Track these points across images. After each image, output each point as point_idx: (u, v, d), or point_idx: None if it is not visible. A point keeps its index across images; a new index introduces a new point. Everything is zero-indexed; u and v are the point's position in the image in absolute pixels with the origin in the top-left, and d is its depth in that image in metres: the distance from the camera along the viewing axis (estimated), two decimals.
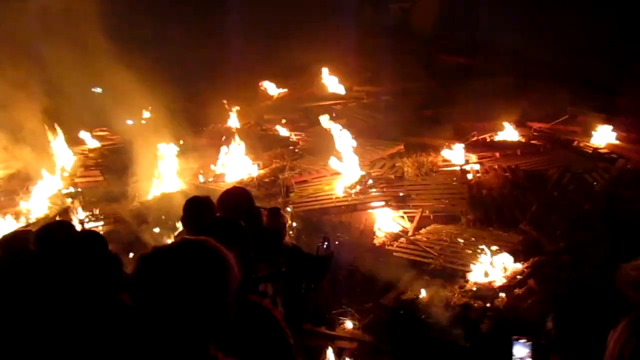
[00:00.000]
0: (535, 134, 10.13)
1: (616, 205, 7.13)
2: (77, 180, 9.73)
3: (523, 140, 9.95)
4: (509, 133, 10.09)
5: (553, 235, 6.72)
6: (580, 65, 11.99)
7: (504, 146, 9.49)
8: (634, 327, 1.68)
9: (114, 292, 2.52)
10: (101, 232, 8.02)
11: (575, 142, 9.55)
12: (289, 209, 7.35)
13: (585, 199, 7.27)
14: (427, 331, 5.31)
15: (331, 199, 7.71)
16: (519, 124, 10.36)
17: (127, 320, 2.06)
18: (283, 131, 11.40)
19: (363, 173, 8.05)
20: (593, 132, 9.59)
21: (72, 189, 9.38)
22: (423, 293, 5.87)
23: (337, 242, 6.86)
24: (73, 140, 10.84)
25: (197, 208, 3.69)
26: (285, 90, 13.36)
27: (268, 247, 3.53)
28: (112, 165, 10.39)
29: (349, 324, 5.70)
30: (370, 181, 7.91)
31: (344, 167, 8.28)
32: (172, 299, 1.77)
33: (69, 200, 8.79)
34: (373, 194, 7.74)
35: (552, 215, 7.02)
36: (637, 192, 7.48)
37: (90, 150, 11.24)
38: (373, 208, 7.48)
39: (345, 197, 7.69)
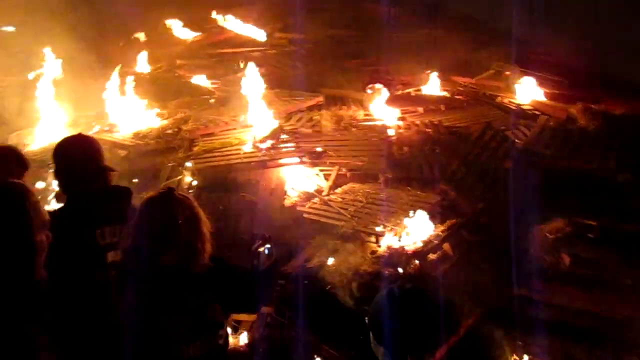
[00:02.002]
0: (459, 88, 9.74)
1: (536, 164, 6.86)
2: None
3: (448, 95, 9.55)
4: (433, 88, 9.64)
5: (471, 196, 6.37)
6: (509, 21, 11.72)
7: (427, 101, 9.04)
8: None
9: None
10: None
11: (499, 98, 9.26)
12: (188, 164, 6.55)
13: (505, 157, 6.96)
14: (331, 302, 4.79)
15: (239, 154, 6.96)
16: (444, 79, 9.93)
17: None
18: (198, 79, 10.38)
19: (275, 126, 7.31)
20: (517, 89, 9.32)
21: None
22: (331, 260, 5.34)
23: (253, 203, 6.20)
24: None
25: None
26: (201, 34, 12.21)
27: (116, 208, 2.84)
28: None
29: None
30: (284, 135, 7.20)
31: (256, 119, 7.51)
32: None
33: None
34: (286, 149, 7.06)
35: (471, 174, 6.65)
36: (557, 151, 7.28)
37: None
38: (285, 165, 6.82)
39: (254, 152, 6.97)
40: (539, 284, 5.04)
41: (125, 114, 8.12)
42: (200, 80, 10.26)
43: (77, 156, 2.89)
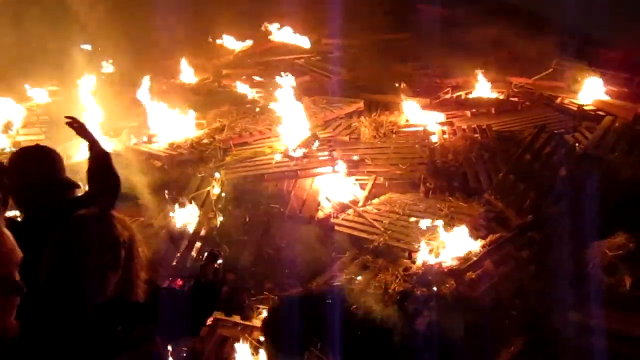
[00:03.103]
0: (515, 90, 9.04)
1: (596, 171, 6.12)
2: (18, 138, 8.85)
3: (501, 97, 8.87)
4: (485, 90, 8.99)
5: (520, 207, 5.75)
6: (571, 17, 10.90)
7: (477, 104, 8.42)
8: None
9: None
10: None
11: (559, 99, 8.48)
12: (217, 175, 6.35)
13: (561, 164, 6.27)
14: (355, 324, 4.38)
15: (270, 163, 6.70)
16: (498, 80, 9.27)
17: None
18: (242, 87, 10.32)
19: (309, 134, 7.01)
20: (579, 88, 8.51)
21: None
22: (359, 277, 4.93)
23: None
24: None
25: None
26: (247, 44, 12.17)
27: None
28: (55, 123, 9.52)
29: (265, 313, 4.78)
30: (317, 143, 6.88)
31: (291, 127, 7.24)
32: None
33: None
34: (320, 158, 6.72)
35: (522, 182, 6.03)
36: (622, 156, 6.49)
37: (39, 106, 10.33)
38: (317, 174, 6.48)
39: (286, 161, 6.68)
40: (596, 308, 4.39)
41: (166, 124, 8.11)
42: (245, 89, 10.19)
43: (32, 170, 2.63)
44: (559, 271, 4.84)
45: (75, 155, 8.14)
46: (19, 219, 2.90)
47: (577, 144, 6.97)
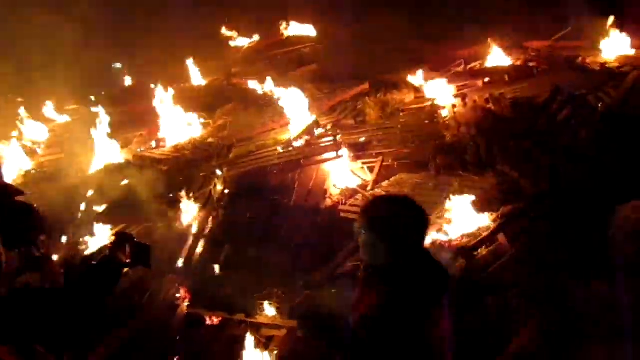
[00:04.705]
0: (532, 54, 8.50)
1: (621, 131, 5.63)
2: (41, 159, 9.01)
3: (518, 63, 8.36)
4: (500, 58, 8.49)
5: (537, 175, 5.33)
6: None
7: (490, 73, 7.95)
8: None
9: None
10: None
11: (580, 59, 7.92)
12: (218, 172, 6.18)
13: (581, 125, 5.80)
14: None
15: (273, 155, 6.49)
16: (513, 46, 8.74)
17: None
18: (253, 84, 10.15)
19: (310, 121, 6.76)
20: (602, 45, 7.92)
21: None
22: None
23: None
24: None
25: None
26: (255, 40, 12.00)
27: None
28: (74, 140, 9.63)
29: (269, 310, 4.58)
30: (320, 129, 6.63)
31: (293, 117, 7.01)
32: None
33: None
34: (323, 144, 6.47)
35: (538, 149, 5.60)
36: None
37: (59, 126, 10.49)
38: (321, 162, 6.23)
39: (289, 151, 6.46)
40: (619, 279, 3.97)
41: (172, 128, 8.01)
42: (254, 84, 10.02)
43: None
44: (580, 241, 4.44)
45: (88, 169, 8.23)
46: None
47: (599, 104, 6.45)
